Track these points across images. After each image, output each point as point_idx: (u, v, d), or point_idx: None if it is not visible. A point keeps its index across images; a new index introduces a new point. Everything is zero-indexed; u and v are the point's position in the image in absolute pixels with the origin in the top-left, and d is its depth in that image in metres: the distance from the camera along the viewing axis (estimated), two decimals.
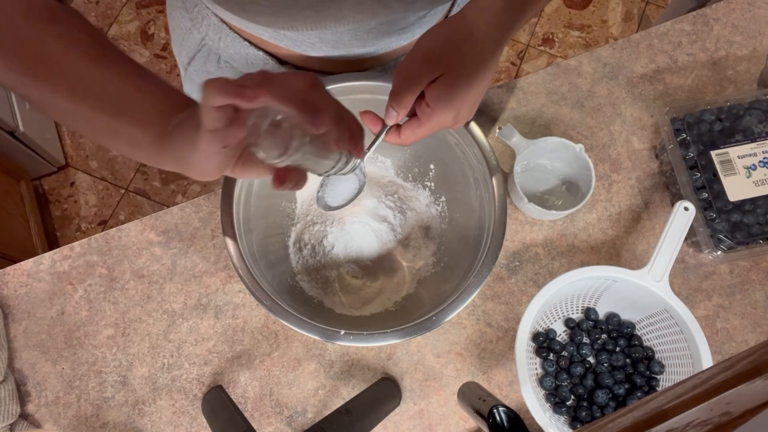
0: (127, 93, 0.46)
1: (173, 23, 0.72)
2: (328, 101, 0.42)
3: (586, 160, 0.72)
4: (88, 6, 1.91)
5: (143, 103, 0.46)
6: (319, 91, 0.42)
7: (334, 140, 0.42)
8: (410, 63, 0.49)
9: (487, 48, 0.49)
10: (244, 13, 0.54)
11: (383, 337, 0.57)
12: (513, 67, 1.88)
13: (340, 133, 0.42)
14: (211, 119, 0.39)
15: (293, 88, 0.39)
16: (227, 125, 0.40)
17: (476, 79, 0.49)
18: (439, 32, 0.49)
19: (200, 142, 0.41)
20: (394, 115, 0.51)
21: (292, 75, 0.41)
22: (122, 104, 0.46)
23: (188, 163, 0.44)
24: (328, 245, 0.71)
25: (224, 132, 0.40)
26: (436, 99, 0.49)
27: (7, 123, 1.42)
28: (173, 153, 0.45)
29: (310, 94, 0.40)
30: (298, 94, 0.38)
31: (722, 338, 0.73)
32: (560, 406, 0.67)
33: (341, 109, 0.44)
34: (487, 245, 0.60)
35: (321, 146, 0.42)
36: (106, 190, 1.72)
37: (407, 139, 0.52)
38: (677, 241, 0.65)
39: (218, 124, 0.39)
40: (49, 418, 0.69)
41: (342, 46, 0.62)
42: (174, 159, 0.45)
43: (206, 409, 0.67)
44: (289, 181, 0.44)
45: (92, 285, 0.73)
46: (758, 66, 0.84)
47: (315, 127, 0.39)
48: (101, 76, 0.46)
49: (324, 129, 0.39)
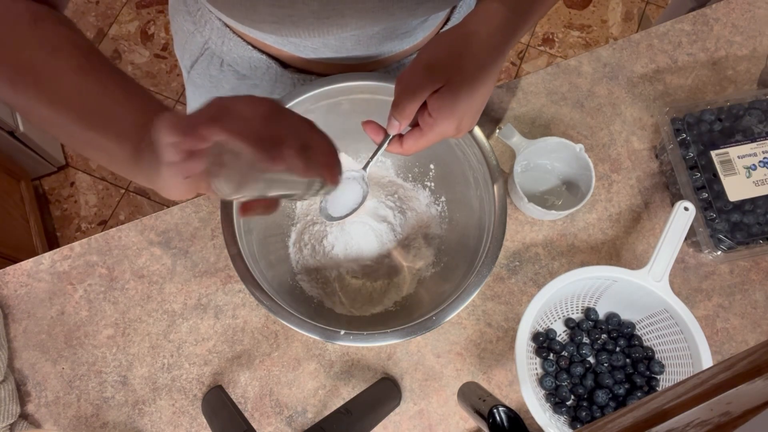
0: (106, 105, 0.44)
1: (176, 26, 0.72)
2: (290, 129, 0.40)
3: (586, 160, 0.72)
4: (88, 6, 1.91)
5: (121, 116, 0.44)
6: (280, 119, 0.40)
7: (300, 169, 0.40)
8: (412, 73, 0.49)
9: (489, 58, 0.49)
10: (248, 21, 0.54)
11: (383, 337, 0.57)
12: (513, 67, 1.88)
13: (306, 161, 0.40)
14: (168, 154, 0.38)
15: (248, 120, 0.38)
16: (186, 158, 0.38)
17: (478, 89, 0.49)
18: (441, 42, 0.49)
19: (163, 172, 0.40)
20: (396, 125, 0.51)
21: (248, 103, 0.40)
22: (100, 116, 0.44)
23: (156, 185, 0.43)
24: (328, 245, 0.71)
25: (183, 165, 0.39)
26: (439, 109, 0.49)
27: (7, 123, 1.42)
28: (144, 173, 0.43)
29: (268, 124, 0.39)
30: (254, 127, 0.37)
31: (722, 338, 0.73)
32: (560, 406, 0.67)
33: (308, 135, 0.42)
34: (487, 245, 0.60)
35: (285, 177, 0.40)
36: (106, 190, 1.72)
37: (409, 149, 0.52)
38: (677, 241, 0.65)
39: (175, 159, 0.38)
40: (49, 418, 0.69)
41: (345, 50, 0.62)
42: (145, 178, 0.44)
43: (206, 409, 0.67)
44: (253, 210, 0.43)
45: (92, 285, 0.73)
46: (758, 66, 0.84)
47: (272, 163, 0.37)
48: (81, 86, 0.44)
49: (283, 165, 0.38)
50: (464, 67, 0.48)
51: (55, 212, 1.70)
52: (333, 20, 0.53)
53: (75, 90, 0.44)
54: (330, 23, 0.53)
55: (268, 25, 0.53)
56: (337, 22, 0.53)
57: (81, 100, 0.44)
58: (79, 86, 0.44)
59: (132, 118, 0.44)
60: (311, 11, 0.51)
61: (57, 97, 0.44)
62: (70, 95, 0.44)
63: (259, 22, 0.53)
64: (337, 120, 0.65)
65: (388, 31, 0.61)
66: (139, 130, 0.43)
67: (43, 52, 0.44)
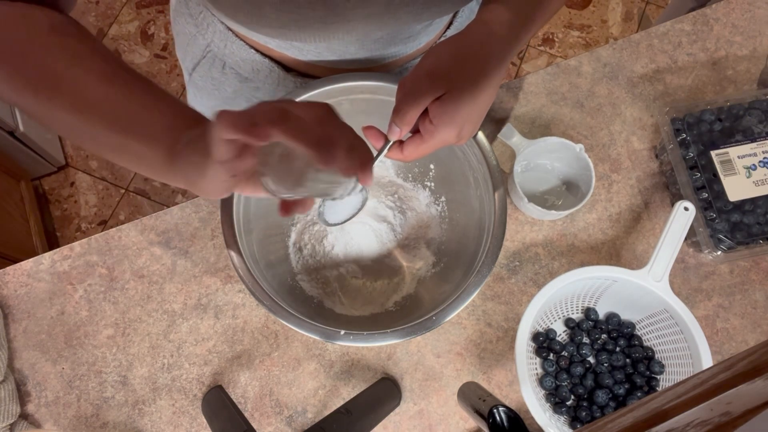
0: (134, 110, 0.45)
1: (177, 29, 0.72)
2: (342, 131, 0.42)
3: (586, 160, 0.72)
4: (88, 6, 1.91)
5: (151, 119, 0.45)
6: (333, 122, 0.41)
7: (343, 169, 0.41)
8: (414, 79, 0.49)
9: (491, 65, 0.49)
10: (253, 25, 0.53)
11: (383, 337, 0.57)
12: (513, 67, 1.88)
13: (351, 161, 0.41)
14: (221, 151, 0.39)
15: (306, 123, 0.39)
16: (237, 156, 0.39)
17: (480, 97, 0.49)
18: (443, 49, 0.49)
19: (208, 170, 0.41)
20: (397, 131, 0.50)
21: (306, 107, 0.41)
22: (128, 121, 0.45)
23: (197, 185, 0.44)
24: (328, 245, 0.71)
25: (233, 163, 0.40)
26: (440, 116, 0.48)
27: (7, 123, 1.42)
28: (182, 173, 0.44)
29: (323, 126, 0.40)
30: (311, 130, 0.38)
31: (722, 338, 0.73)
32: (560, 406, 0.67)
33: (354, 138, 0.43)
34: (487, 245, 0.60)
35: (330, 178, 0.42)
36: (106, 190, 1.72)
37: (409, 156, 0.52)
38: (677, 241, 0.65)
39: (228, 156, 0.39)
40: (49, 418, 0.69)
41: (348, 54, 0.62)
42: (183, 179, 0.45)
43: (206, 409, 0.67)
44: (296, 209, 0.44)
45: (92, 285, 0.73)
46: (758, 66, 0.84)
47: (327, 164, 0.38)
48: (107, 92, 0.45)
49: (336, 165, 0.39)
50: (467, 75, 0.48)
51: (55, 212, 1.70)
52: (338, 25, 0.52)
53: (101, 96, 0.45)
54: (335, 28, 0.53)
55: (273, 30, 0.53)
56: (342, 27, 0.53)
57: (108, 106, 0.45)
58: (105, 92, 0.45)
59: (165, 121, 0.45)
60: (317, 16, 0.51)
61: (83, 104, 0.44)
62: (96, 101, 0.45)
63: (264, 26, 0.53)
64: None
65: (392, 35, 0.61)
66: (171, 132, 0.44)
67: (65, 60, 0.45)
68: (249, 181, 0.44)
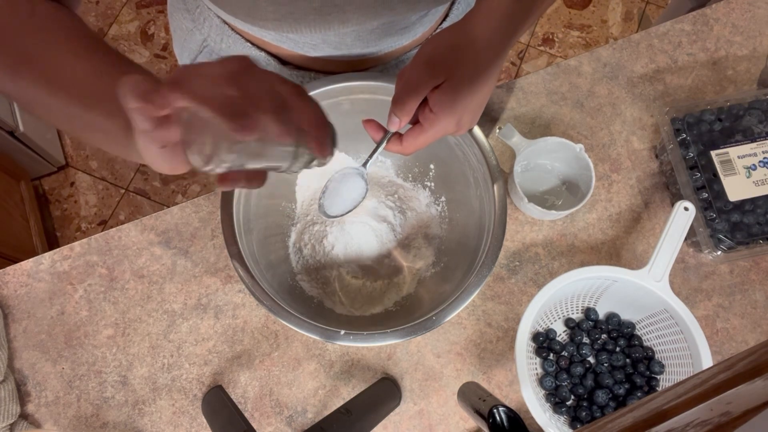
0: (100, 85, 0.42)
1: (174, 24, 0.72)
2: (264, 89, 0.36)
3: (586, 160, 0.72)
4: (88, 6, 1.91)
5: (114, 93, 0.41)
6: (251, 78, 0.36)
7: (276, 135, 0.36)
8: (413, 69, 0.49)
9: (489, 54, 0.49)
10: (249, 18, 0.53)
11: (383, 337, 0.57)
12: (513, 67, 1.88)
13: (283, 126, 0.36)
14: (136, 121, 0.34)
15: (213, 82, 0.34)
16: (157, 126, 0.35)
17: (479, 85, 0.49)
18: (441, 39, 0.49)
19: (138, 143, 0.37)
20: (396, 121, 0.50)
21: (218, 64, 0.36)
22: (94, 97, 0.42)
23: (144, 160, 0.40)
24: (328, 245, 0.71)
25: (155, 134, 0.35)
26: (440, 104, 0.49)
27: (7, 123, 1.42)
28: (135, 147, 0.40)
29: (236, 84, 0.35)
30: (219, 89, 0.33)
31: (722, 338, 0.73)
32: (560, 406, 0.67)
33: (288, 97, 0.38)
34: (487, 245, 0.60)
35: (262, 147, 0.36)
36: (106, 190, 1.72)
37: (408, 147, 0.52)
38: (677, 241, 0.65)
39: (145, 126, 0.34)
40: (49, 418, 0.69)
41: (345, 47, 0.62)
42: (136, 153, 0.41)
43: (206, 409, 0.67)
44: (234, 182, 0.39)
45: (92, 285, 0.73)
46: (758, 66, 0.84)
47: (240, 133, 0.33)
48: (76, 69, 0.43)
49: (254, 133, 0.34)
50: (466, 63, 0.48)
51: (55, 212, 1.70)
52: (334, 16, 0.53)
53: (70, 73, 0.43)
54: (331, 19, 0.53)
55: (269, 23, 0.53)
56: (338, 18, 0.53)
57: (77, 83, 0.42)
58: (74, 69, 0.43)
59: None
60: (313, 8, 0.51)
61: (55, 82, 0.43)
62: (66, 79, 0.43)
63: (260, 20, 0.53)
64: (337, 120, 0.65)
65: (388, 27, 0.61)
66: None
67: (40, 39, 0.43)
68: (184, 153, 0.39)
